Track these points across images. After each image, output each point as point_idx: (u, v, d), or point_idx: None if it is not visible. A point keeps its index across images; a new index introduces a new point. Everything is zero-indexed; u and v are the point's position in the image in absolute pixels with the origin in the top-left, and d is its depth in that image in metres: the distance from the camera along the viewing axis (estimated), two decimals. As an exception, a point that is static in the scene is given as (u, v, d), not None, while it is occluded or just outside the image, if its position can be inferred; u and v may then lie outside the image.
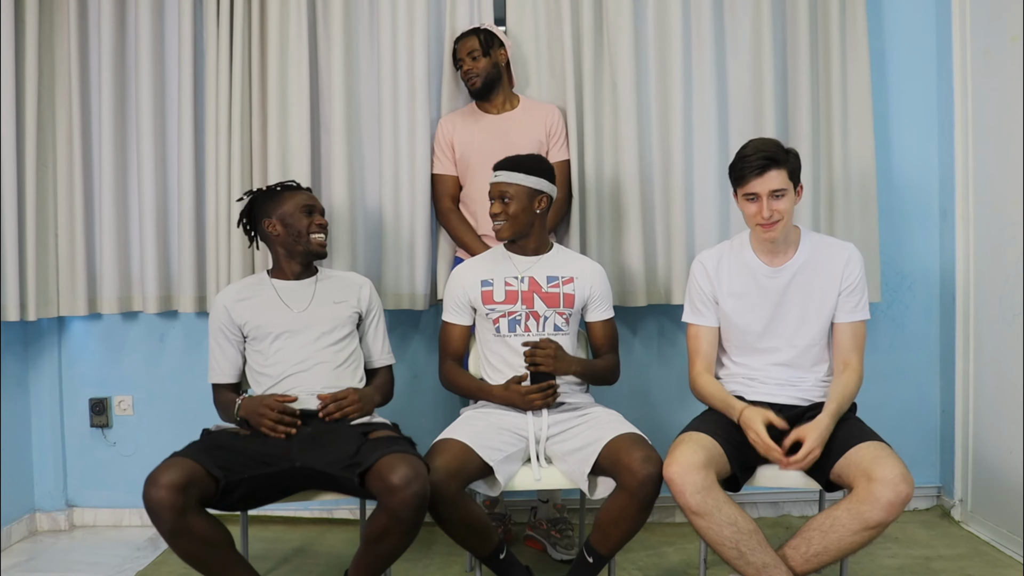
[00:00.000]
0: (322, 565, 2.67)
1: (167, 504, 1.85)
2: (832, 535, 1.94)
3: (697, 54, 2.91)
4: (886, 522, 1.90)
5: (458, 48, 2.78)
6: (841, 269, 2.20)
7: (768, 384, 2.24)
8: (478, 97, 2.78)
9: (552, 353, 2.26)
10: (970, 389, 2.88)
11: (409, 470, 1.89)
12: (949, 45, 2.93)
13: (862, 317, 2.22)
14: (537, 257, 2.42)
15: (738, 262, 2.26)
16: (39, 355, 3.01)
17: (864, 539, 1.93)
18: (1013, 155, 2.63)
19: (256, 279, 2.41)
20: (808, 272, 2.21)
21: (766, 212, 2.11)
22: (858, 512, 1.91)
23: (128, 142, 2.93)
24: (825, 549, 1.95)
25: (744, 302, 2.24)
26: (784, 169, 2.13)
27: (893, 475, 1.90)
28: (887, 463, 1.93)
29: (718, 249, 2.34)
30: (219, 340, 2.34)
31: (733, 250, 2.29)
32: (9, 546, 2.85)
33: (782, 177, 2.12)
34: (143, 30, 2.86)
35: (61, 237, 2.89)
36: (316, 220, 2.33)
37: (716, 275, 2.28)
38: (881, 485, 1.89)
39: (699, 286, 2.30)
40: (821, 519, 1.97)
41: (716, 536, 1.97)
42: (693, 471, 1.96)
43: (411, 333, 3.05)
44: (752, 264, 2.24)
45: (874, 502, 1.89)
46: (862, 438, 2.05)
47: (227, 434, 2.13)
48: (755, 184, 2.12)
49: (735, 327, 2.26)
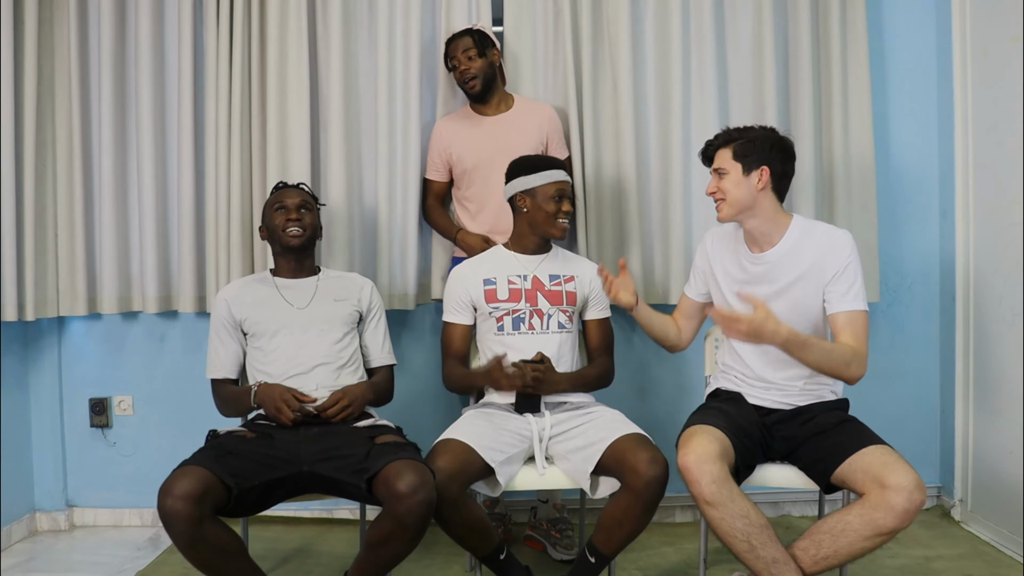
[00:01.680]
0: (322, 565, 2.67)
1: (183, 515, 1.82)
2: (843, 540, 1.93)
3: (697, 54, 2.91)
4: (899, 529, 1.89)
5: (451, 47, 2.74)
6: (825, 253, 2.10)
7: (755, 387, 2.23)
8: (477, 100, 2.77)
9: (541, 376, 2.27)
10: (970, 389, 2.88)
11: (416, 478, 1.89)
12: (949, 45, 2.93)
13: (857, 307, 2.07)
14: (540, 256, 2.43)
15: (730, 247, 2.27)
16: (39, 355, 3.01)
17: (874, 545, 1.92)
18: (1013, 154, 2.63)
19: (260, 276, 2.43)
20: (792, 259, 2.14)
21: (711, 187, 2.16)
22: (871, 519, 1.89)
23: (128, 142, 2.93)
24: (835, 553, 1.94)
25: (730, 289, 2.24)
26: (729, 148, 2.15)
27: (907, 482, 1.87)
28: (899, 470, 1.90)
29: (724, 230, 2.33)
30: (220, 335, 2.34)
31: (731, 234, 2.29)
32: (9, 546, 2.85)
33: (725, 155, 2.15)
34: (143, 30, 2.86)
35: (61, 237, 2.89)
36: (289, 216, 2.34)
37: (712, 255, 2.31)
38: (895, 493, 1.87)
39: (697, 261, 2.36)
40: (832, 523, 1.95)
41: (728, 528, 1.96)
42: (709, 461, 1.95)
43: (409, 333, 3.05)
44: (739, 250, 2.24)
45: (888, 510, 1.87)
46: (866, 442, 2.02)
47: (235, 438, 2.10)
48: (709, 163, 2.20)
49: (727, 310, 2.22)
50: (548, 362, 2.30)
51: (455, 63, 2.73)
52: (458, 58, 2.72)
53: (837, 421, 2.13)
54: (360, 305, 2.40)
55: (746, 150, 2.13)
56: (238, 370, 2.37)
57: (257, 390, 2.22)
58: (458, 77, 2.74)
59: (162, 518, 1.84)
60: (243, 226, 2.85)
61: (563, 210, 2.36)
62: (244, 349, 2.35)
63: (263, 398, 2.19)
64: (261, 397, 2.20)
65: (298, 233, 2.34)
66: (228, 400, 2.32)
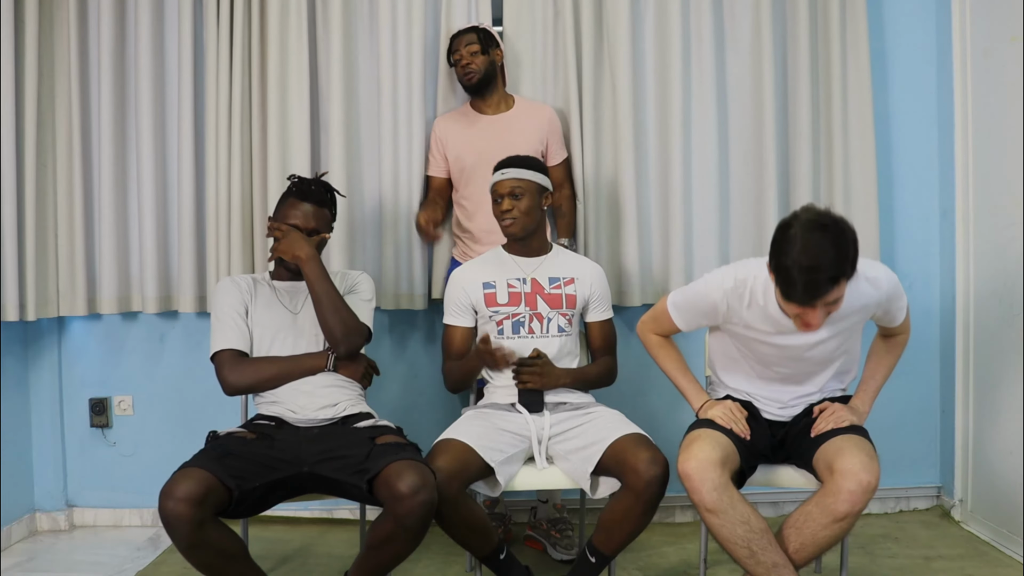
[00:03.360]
0: (322, 565, 2.67)
1: (185, 518, 1.82)
2: (806, 530, 1.95)
3: (697, 54, 2.92)
4: (852, 512, 1.90)
5: (455, 43, 2.74)
6: (874, 303, 2.02)
7: (759, 401, 2.22)
8: (473, 93, 2.75)
9: (540, 371, 2.27)
10: (970, 389, 2.88)
11: (417, 478, 1.88)
12: (949, 45, 2.93)
13: (905, 305, 2.11)
14: (539, 258, 2.42)
15: (763, 312, 2.03)
16: (39, 355, 3.00)
17: (836, 532, 1.94)
18: (1013, 155, 2.63)
19: (259, 277, 2.38)
20: (836, 318, 1.98)
21: (816, 323, 1.86)
22: (825, 505, 1.92)
23: (128, 142, 2.93)
24: (803, 545, 1.96)
25: (760, 342, 2.09)
26: (843, 283, 1.82)
27: (853, 464, 1.90)
28: (848, 453, 1.93)
29: (745, 279, 2.03)
30: (230, 311, 2.25)
31: (759, 292, 2.02)
32: (9, 546, 2.84)
33: (840, 290, 1.82)
34: (143, 30, 2.86)
35: (61, 237, 2.89)
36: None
37: (738, 306, 2.05)
38: (842, 476, 1.90)
39: (711, 299, 2.08)
40: (795, 516, 1.98)
41: (729, 534, 1.96)
42: (711, 468, 1.94)
43: (409, 332, 3.05)
44: (777, 317, 2.01)
45: (837, 493, 1.90)
46: (835, 432, 2.04)
47: (235, 439, 2.09)
48: (804, 308, 1.84)
49: (744, 355, 2.17)
50: (545, 357, 2.31)
51: (457, 57, 2.73)
52: (461, 52, 2.71)
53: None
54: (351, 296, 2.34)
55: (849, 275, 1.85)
56: (247, 344, 2.26)
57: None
58: (459, 72, 2.73)
59: (163, 520, 1.84)
60: (243, 226, 2.84)
61: (502, 209, 2.33)
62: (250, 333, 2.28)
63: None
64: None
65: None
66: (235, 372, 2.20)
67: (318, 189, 2.30)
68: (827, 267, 1.76)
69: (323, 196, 2.30)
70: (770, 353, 2.11)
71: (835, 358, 2.15)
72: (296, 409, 2.21)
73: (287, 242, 2.22)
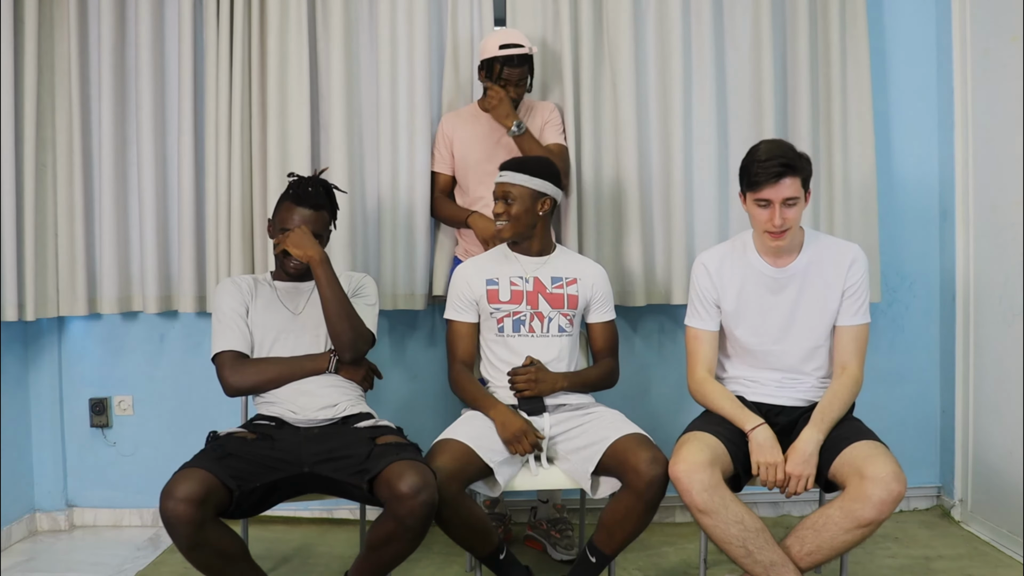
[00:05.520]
0: (322, 565, 2.67)
1: (185, 518, 1.82)
2: (825, 533, 1.95)
3: (697, 54, 2.91)
4: (878, 520, 1.91)
5: (502, 67, 2.58)
6: (845, 270, 2.17)
7: (768, 385, 2.23)
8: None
9: (533, 377, 2.27)
10: (970, 389, 2.88)
11: (418, 478, 1.88)
12: (949, 45, 2.93)
13: (864, 321, 2.18)
14: (542, 258, 2.42)
15: (741, 263, 2.23)
16: (39, 355, 3.00)
17: (856, 537, 1.94)
18: (1013, 155, 2.63)
19: (260, 278, 2.38)
20: (812, 273, 2.18)
21: (777, 220, 2.05)
22: (850, 510, 1.92)
23: (128, 142, 2.93)
24: (818, 548, 1.96)
25: (748, 303, 2.22)
26: (799, 177, 2.06)
27: (885, 473, 1.90)
28: (879, 461, 1.93)
29: (719, 250, 2.29)
30: (231, 312, 2.24)
31: (735, 251, 2.26)
32: (9, 546, 2.84)
33: (796, 185, 2.06)
34: (143, 30, 2.86)
35: (61, 237, 2.89)
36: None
37: (719, 276, 2.23)
38: (872, 483, 1.89)
39: (701, 288, 2.25)
40: (814, 518, 1.98)
41: (723, 534, 1.97)
42: (699, 469, 1.95)
43: (409, 333, 3.05)
44: (756, 265, 2.21)
45: (865, 500, 1.89)
46: (857, 437, 2.04)
47: (235, 440, 2.08)
48: (768, 191, 2.05)
49: (739, 328, 2.24)
50: (539, 363, 2.31)
51: (504, 81, 2.60)
52: (509, 80, 2.61)
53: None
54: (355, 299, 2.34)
55: (808, 175, 2.10)
56: (248, 347, 2.26)
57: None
58: (494, 84, 2.61)
59: (164, 521, 1.84)
60: (243, 226, 2.84)
61: (494, 212, 2.35)
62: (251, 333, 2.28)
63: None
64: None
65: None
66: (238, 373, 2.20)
67: (315, 191, 2.26)
68: (786, 153, 2.06)
69: (320, 198, 2.27)
70: (759, 325, 2.20)
71: (818, 344, 2.20)
72: (296, 409, 2.21)
73: (296, 236, 2.20)
